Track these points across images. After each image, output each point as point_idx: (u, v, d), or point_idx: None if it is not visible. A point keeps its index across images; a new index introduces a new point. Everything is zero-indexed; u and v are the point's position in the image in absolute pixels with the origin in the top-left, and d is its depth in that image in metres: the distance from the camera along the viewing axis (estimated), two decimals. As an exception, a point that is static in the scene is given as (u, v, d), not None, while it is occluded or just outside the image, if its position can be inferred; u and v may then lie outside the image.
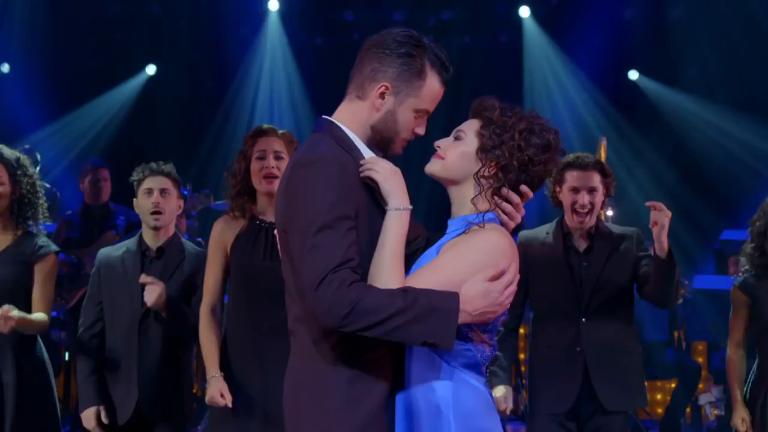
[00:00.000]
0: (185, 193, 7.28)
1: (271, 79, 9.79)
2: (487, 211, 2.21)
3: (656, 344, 6.58)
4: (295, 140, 3.55)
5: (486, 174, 2.22)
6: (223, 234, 3.46)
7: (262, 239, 3.40)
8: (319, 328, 2.10)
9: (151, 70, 9.81)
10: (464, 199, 2.27)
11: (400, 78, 2.22)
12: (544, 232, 3.97)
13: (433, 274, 2.13)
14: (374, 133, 2.27)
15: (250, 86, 9.79)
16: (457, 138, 2.29)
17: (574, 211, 3.82)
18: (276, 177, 3.35)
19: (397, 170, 2.20)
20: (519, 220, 2.26)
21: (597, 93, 9.57)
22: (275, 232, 2.54)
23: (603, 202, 3.84)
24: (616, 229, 3.95)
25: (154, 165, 3.89)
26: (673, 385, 6.86)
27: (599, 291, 3.84)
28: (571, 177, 3.82)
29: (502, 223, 2.25)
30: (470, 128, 2.28)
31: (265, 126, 3.58)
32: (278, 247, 2.26)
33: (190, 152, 9.20)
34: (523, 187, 2.24)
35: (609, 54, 9.36)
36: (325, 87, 8.43)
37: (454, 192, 2.31)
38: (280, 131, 3.56)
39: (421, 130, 2.31)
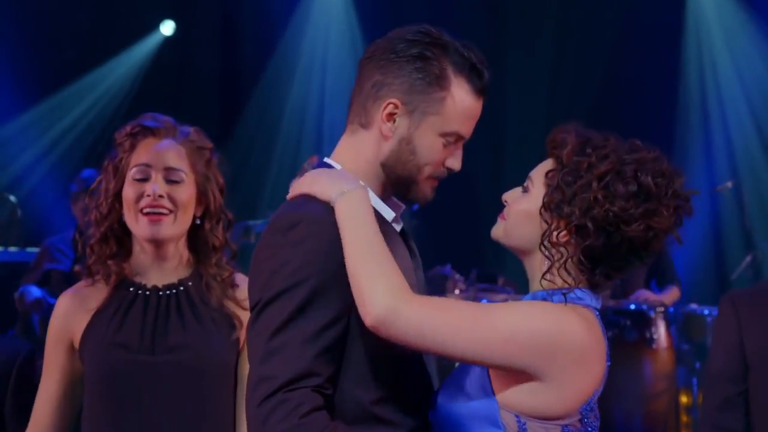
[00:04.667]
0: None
1: (329, 43, 8.95)
2: (569, 289, 1.86)
3: None
4: (207, 147, 2.58)
5: (555, 240, 1.87)
6: (68, 320, 2.55)
7: (137, 316, 2.51)
8: None
9: (167, 29, 8.82)
10: (536, 272, 1.95)
11: (413, 90, 1.93)
12: None
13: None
14: (388, 172, 1.97)
15: (302, 55, 8.88)
16: (524, 189, 1.99)
17: None
18: (165, 214, 2.49)
19: (324, 170, 1.99)
20: None
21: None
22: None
23: None
24: None
25: None
26: None
27: None
28: None
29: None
30: (539, 174, 1.95)
31: (153, 121, 2.56)
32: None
33: (221, 145, 7.90)
34: None
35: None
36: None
37: (526, 263, 1.99)
38: (181, 129, 2.56)
39: (455, 163, 2.00)
